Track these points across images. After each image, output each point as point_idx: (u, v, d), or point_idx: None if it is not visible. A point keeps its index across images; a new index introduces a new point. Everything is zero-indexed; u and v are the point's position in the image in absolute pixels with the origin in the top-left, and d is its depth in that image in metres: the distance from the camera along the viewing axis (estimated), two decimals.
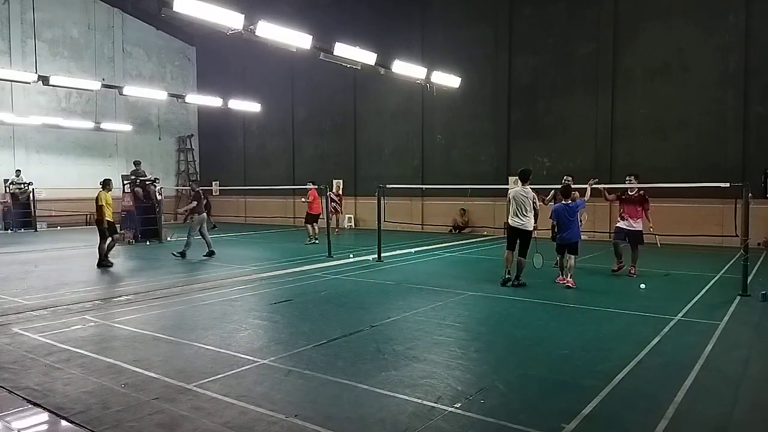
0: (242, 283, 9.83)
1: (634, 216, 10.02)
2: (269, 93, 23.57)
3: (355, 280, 10.08)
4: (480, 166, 19.15)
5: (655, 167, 15.41)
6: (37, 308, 7.70)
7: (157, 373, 5.00)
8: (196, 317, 7.33)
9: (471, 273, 10.88)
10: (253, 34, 9.87)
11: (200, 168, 27.94)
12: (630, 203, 10.10)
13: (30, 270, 11.37)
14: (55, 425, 4.10)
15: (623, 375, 4.92)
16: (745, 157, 14.80)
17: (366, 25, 20.41)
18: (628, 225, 10.06)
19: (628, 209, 10.08)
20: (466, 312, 7.54)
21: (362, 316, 7.24)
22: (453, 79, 15.08)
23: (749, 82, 14.78)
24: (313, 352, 5.68)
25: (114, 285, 9.73)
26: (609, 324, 6.86)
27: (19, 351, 5.73)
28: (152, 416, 4.10)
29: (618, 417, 4.12)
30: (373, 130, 21.87)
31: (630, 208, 10.07)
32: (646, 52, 16.17)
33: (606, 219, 16.68)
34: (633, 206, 10.06)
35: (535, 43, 17.97)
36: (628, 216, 10.05)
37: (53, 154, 22.86)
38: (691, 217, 14.85)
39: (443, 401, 4.35)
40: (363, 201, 21.86)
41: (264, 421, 4.01)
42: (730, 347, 5.85)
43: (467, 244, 15.92)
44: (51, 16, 22.40)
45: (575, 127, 17.37)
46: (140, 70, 25.52)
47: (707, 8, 15.26)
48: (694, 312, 7.41)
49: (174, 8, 8.65)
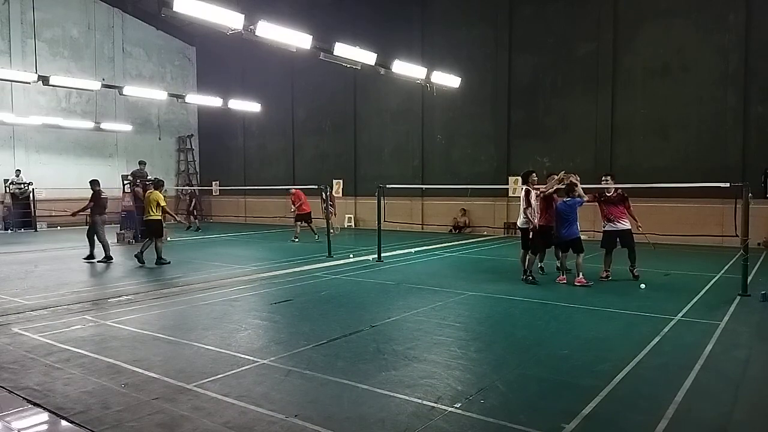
0: (242, 283, 9.83)
1: (620, 216, 9.80)
2: (269, 93, 23.56)
3: (355, 280, 10.08)
4: (480, 166, 19.14)
5: (655, 167, 15.42)
6: (37, 308, 7.70)
7: (157, 373, 5.00)
8: (196, 317, 7.34)
9: (471, 273, 10.87)
10: (253, 34, 9.87)
11: (200, 168, 27.95)
12: (611, 204, 9.82)
13: (30, 270, 11.37)
14: (55, 425, 4.10)
15: (623, 375, 4.92)
16: (745, 157, 14.79)
17: (366, 25, 20.41)
18: (614, 226, 9.80)
19: (612, 210, 9.79)
20: (466, 312, 7.54)
21: (362, 316, 7.24)
22: (453, 79, 15.07)
23: (749, 82, 14.77)
24: (313, 352, 5.68)
25: (114, 285, 9.72)
26: (609, 324, 6.86)
27: (19, 351, 5.73)
28: (152, 416, 4.10)
29: (618, 417, 4.12)
30: (373, 130, 21.86)
31: (613, 208, 9.79)
32: (646, 52, 16.16)
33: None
34: (615, 207, 9.79)
35: (535, 43, 17.96)
36: (614, 217, 9.80)
37: (53, 154, 22.85)
38: (691, 217, 14.85)
39: (443, 401, 4.35)
40: (363, 201, 21.85)
41: (264, 421, 4.01)
42: (730, 347, 5.85)
43: (467, 244, 15.92)
44: (51, 16, 22.39)
45: (575, 127, 17.36)
46: (140, 70, 25.52)
47: (707, 8, 15.25)
48: (694, 312, 7.41)
49: (174, 8, 8.65)
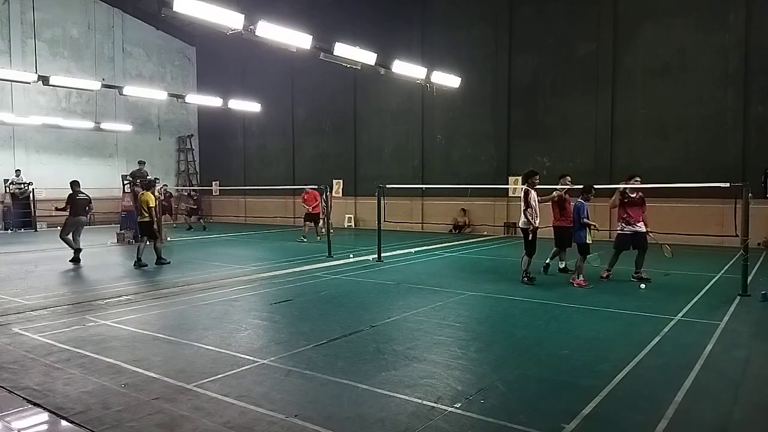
0: (242, 283, 9.83)
1: (639, 219, 9.66)
2: (269, 93, 23.56)
3: (355, 280, 10.08)
4: (480, 166, 19.14)
5: (655, 167, 15.41)
6: (37, 308, 7.70)
7: (157, 373, 5.00)
8: (196, 317, 7.34)
9: (471, 273, 10.88)
10: (253, 34, 9.87)
11: (200, 168, 27.96)
12: (634, 205, 9.70)
13: (30, 270, 11.38)
14: (55, 425, 4.10)
15: (623, 375, 4.92)
16: (745, 157, 14.79)
17: (366, 25, 20.41)
18: (632, 229, 9.56)
19: (634, 212, 9.60)
20: (466, 312, 7.54)
21: (362, 316, 7.24)
22: (453, 79, 15.07)
23: (749, 82, 14.77)
24: (313, 352, 5.68)
25: (114, 285, 9.71)
26: (609, 324, 6.86)
27: (19, 351, 5.73)
28: (152, 416, 4.10)
29: (618, 417, 4.12)
30: (373, 130, 21.86)
31: (635, 210, 9.61)
32: (646, 52, 16.16)
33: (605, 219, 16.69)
34: (638, 208, 9.64)
35: (535, 43, 17.97)
36: (633, 220, 9.60)
37: (53, 154, 22.84)
38: (691, 217, 14.86)
39: (443, 401, 4.35)
40: (363, 201, 21.85)
41: (264, 421, 4.01)
42: (730, 347, 5.85)
43: (467, 244, 15.92)
44: (51, 16, 22.39)
45: (575, 127, 17.37)
46: (140, 70, 25.52)
47: (707, 8, 15.26)
48: (694, 312, 7.41)
49: (174, 8, 8.65)
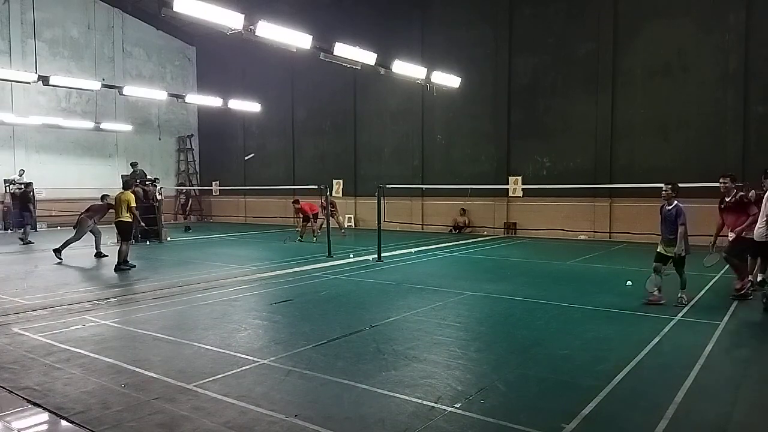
0: (242, 283, 9.83)
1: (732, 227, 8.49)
2: (269, 93, 23.55)
3: (355, 280, 10.08)
4: (480, 166, 19.14)
5: (655, 167, 15.41)
6: (37, 308, 7.70)
7: (157, 373, 5.00)
8: (196, 317, 7.34)
9: (471, 273, 10.87)
10: (253, 34, 9.87)
11: (200, 168, 27.94)
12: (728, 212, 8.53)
13: (30, 270, 11.38)
14: (55, 425, 4.10)
15: (623, 375, 4.92)
16: (745, 157, 14.78)
17: (366, 25, 20.39)
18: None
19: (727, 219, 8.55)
20: (466, 312, 7.54)
21: (362, 316, 7.25)
22: (453, 79, 15.06)
23: (749, 82, 14.76)
24: (313, 352, 5.68)
25: (114, 285, 9.72)
26: (609, 324, 6.86)
27: (19, 351, 5.73)
28: (152, 416, 4.10)
29: (618, 417, 4.13)
30: (373, 130, 21.85)
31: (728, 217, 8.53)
32: (646, 52, 16.15)
33: (606, 219, 16.72)
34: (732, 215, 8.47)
35: (535, 43, 17.96)
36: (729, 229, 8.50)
37: (53, 154, 22.84)
38: (691, 217, 14.79)
39: (443, 401, 4.35)
40: (363, 201, 21.84)
41: (264, 421, 4.01)
42: (730, 347, 5.85)
43: (467, 244, 15.91)
44: (51, 16, 22.38)
45: (575, 127, 17.36)
46: (140, 70, 25.51)
47: (707, 8, 15.25)
48: (694, 312, 7.41)
49: (174, 8, 8.65)
